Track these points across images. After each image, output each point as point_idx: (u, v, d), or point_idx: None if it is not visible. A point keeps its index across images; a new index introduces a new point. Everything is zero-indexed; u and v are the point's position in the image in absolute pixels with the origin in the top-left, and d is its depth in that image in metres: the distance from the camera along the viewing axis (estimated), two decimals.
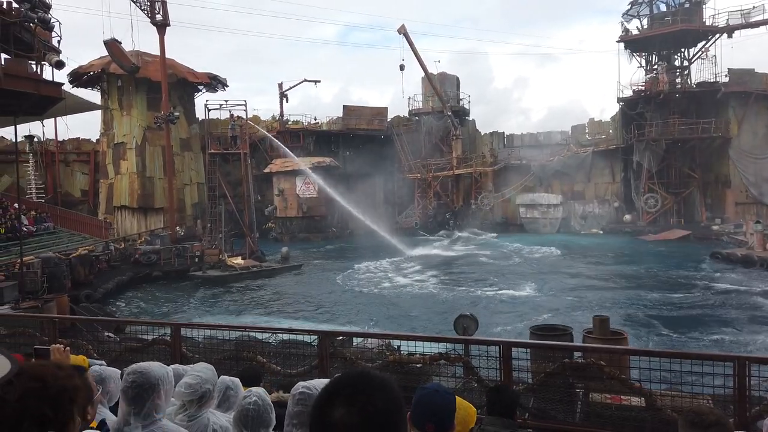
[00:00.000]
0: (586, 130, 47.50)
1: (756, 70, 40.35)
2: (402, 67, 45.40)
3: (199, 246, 28.65)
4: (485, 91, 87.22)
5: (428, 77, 46.92)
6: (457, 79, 51.45)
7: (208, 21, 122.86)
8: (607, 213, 43.23)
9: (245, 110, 31.45)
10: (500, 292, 22.70)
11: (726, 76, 40.25)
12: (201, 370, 3.15)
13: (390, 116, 50.18)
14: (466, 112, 50.80)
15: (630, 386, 5.68)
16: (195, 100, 42.98)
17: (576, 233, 41.57)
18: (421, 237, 42.25)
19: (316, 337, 6.72)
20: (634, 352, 6.49)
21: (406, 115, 50.75)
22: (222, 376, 3.37)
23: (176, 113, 31.68)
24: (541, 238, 39.99)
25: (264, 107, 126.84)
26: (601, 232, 41.44)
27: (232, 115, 32.83)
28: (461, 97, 51.03)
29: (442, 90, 46.99)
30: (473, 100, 58.53)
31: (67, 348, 3.12)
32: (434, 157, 47.89)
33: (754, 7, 38.95)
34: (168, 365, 2.95)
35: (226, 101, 31.71)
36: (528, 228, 43.46)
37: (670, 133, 40.26)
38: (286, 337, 7.81)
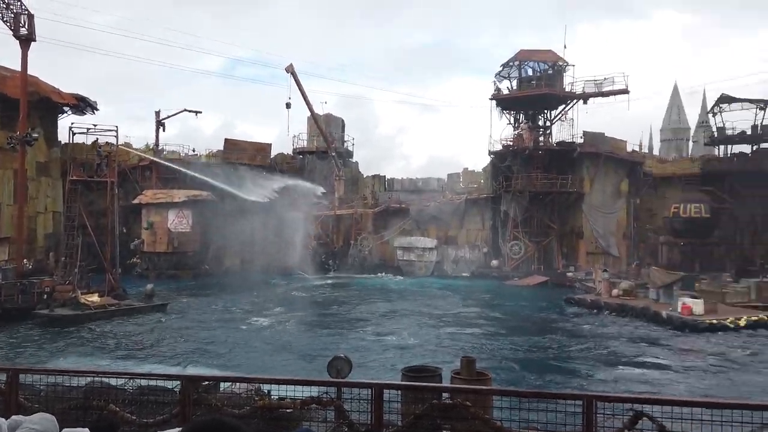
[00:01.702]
0: (461, 179, 50.35)
1: (605, 134, 45.62)
2: (288, 105, 45.63)
3: (49, 281, 25.84)
4: (370, 136, 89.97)
5: (314, 117, 47.46)
6: (343, 121, 52.58)
7: (86, 41, 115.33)
8: (476, 258, 45.52)
9: (116, 136, 29.54)
10: (376, 333, 22.87)
11: (581, 137, 45.01)
12: (38, 422, 2.81)
13: (274, 153, 49.73)
14: (350, 154, 51.81)
15: (492, 426, 5.90)
16: (59, 122, 39.65)
17: (448, 276, 43.30)
18: (298, 276, 41.71)
19: (178, 382, 6.27)
20: (495, 392, 6.77)
21: (291, 152, 50.64)
22: (65, 429, 3.03)
23: (35, 134, 28.86)
24: (417, 280, 41.18)
25: (139, 134, 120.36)
26: (469, 275, 43.46)
27: (96, 141, 30.61)
28: (346, 139, 52.11)
29: (327, 131, 47.66)
30: (358, 143, 59.88)
31: None
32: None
33: (605, 78, 44.39)
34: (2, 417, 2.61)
35: (95, 125, 29.61)
36: (404, 270, 44.54)
37: (533, 185, 43.60)
38: (144, 382, 7.20)
